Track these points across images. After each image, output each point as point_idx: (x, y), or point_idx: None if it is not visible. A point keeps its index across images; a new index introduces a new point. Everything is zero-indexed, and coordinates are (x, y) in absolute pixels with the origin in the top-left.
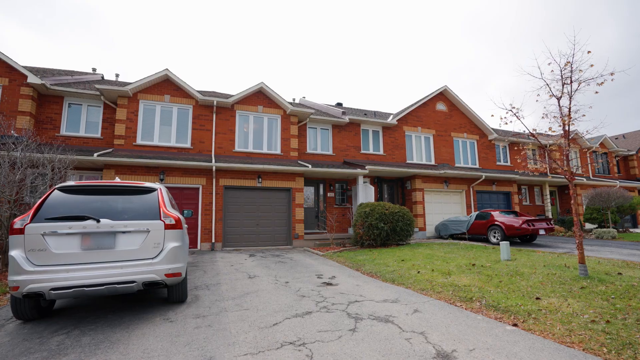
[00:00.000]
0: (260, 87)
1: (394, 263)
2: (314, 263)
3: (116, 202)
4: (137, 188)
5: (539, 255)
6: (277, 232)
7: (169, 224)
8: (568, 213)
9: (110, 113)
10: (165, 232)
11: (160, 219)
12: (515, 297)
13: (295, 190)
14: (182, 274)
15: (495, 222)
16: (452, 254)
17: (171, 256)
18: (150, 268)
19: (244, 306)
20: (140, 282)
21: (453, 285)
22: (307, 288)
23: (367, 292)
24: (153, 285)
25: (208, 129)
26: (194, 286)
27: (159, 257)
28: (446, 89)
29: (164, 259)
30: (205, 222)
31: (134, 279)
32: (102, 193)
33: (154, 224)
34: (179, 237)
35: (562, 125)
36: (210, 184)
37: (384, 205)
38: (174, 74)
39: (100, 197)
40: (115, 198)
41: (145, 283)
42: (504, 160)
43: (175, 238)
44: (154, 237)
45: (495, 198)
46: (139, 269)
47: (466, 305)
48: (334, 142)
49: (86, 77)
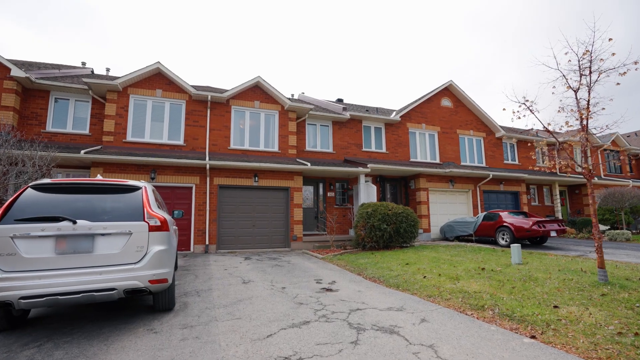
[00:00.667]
0: (256, 81)
1: (398, 267)
2: (313, 267)
3: (95, 202)
4: (119, 186)
5: (551, 259)
6: (275, 234)
7: (154, 225)
8: (579, 214)
9: (99, 108)
10: (150, 235)
11: (144, 220)
12: (531, 305)
13: (293, 190)
14: (169, 280)
15: (503, 223)
16: (460, 257)
17: (156, 261)
18: (133, 274)
19: (236, 315)
20: (121, 290)
21: (462, 292)
22: (305, 294)
23: (369, 298)
24: (136, 292)
25: (202, 126)
26: (183, 292)
27: (142, 261)
28: (452, 84)
29: (147, 264)
30: (198, 223)
31: (114, 286)
32: (80, 192)
33: (137, 226)
34: (165, 240)
35: (580, 120)
36: (204, 183)
37: (387, 205)
38: (166, 67)
39: (78, 196)
40: (95, 197)
41: (126, 290)
42: (511, 158)
43: (161, 241)
44: (136, 240)
45: (502, 198)
46: (120, 275)
47: (478, 313)
48: (335, 139)
49: (75, 71)
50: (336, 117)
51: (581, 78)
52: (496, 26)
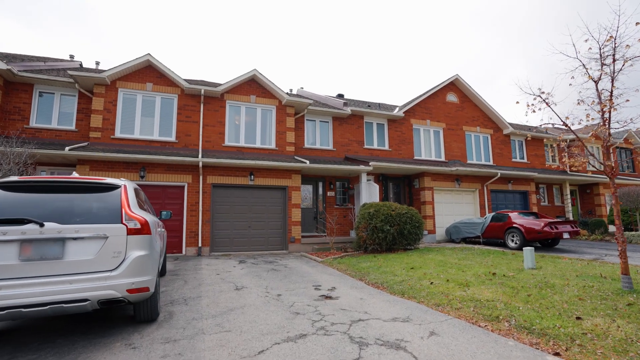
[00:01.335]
0: (252, 74)
1: (403, 271)
2: (312, 271)
3: (68, 202)
4: (95, 185)
5: (566, 263)
6: (271, 236)
7: (133, 228)
8: (590, 214)
9: (86, 103)
10: (128, 239)
11: (122, 223)
12: (551, 317)
13: (291, 189)
14: (151, 288)
15: (513, 224)
16: (468, 261)
17: (135, 267)
18: (108, 282)
19: (226, 327)
20: (95, 300)
21: (474, 300)
22: (302, 302)
23: (372, 307)
24: (112, 303)
25: (195, 121)
26: (170, 300)
27: (120, 268)
28: (457, 78)
29: (125, 271)
30: (190, 224)
31: (87, 296)
32: (51, 191)
33: (114, 229)
34: (145, 244)
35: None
36: (196, 181)
37: (390, 205)
38: (157, 60)
39: (48, 196)
40: (68, 197)
41: (101, 301)
42: (520, 156)
43: (141, 245)
44: (113, 245)
45: (511, 198)
46: (94, 284)
47: (492, 325)
48: (335, 136)
49: (62, 65)
50: (336, 112)
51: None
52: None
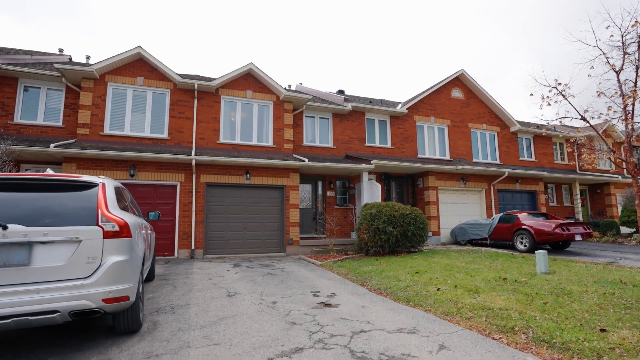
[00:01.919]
0: (249, 68)
1: (407, 276)
2: (310, 275)
3: (38, 202)
4: (69, 183)
5: (580, 267)
6: (268, 237)
7: (111, 230)
8: (600, 215)
9: (73, 98)
10: (105, 242)
11: (98, 225)
12: (572, 328)
13: (289, 189)
14: (131, 297)
15: (522, 226)
16: (475, 265)
17: (113, 274)
18: (82, 292)
19: (214, 339)
20: (66, 312)
21: (485, 308)
22: (299, 311)
23: (375, 316)
24: (86, 314)
25: (188, 117)
26: (156, 308)
27: (95, 276)
28: (463, 73)
29: (101, 279)
30: (183, 226)
31: (56, 307)
32: (18, 189)
33: (89, 231)
34: (125, 249)
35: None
36: (189, 180)
37: (393, 206)
38: (148, 53)
39: (14, 195)
40: (37, 196)
41: (73, 312)
42: (527, 155)
43: (120, 249)
44: (87, 249)
45: (518, 198)
46: (65, 293)
47: (507, 338)
48: (335, 133)
49: (49, 58)
50: (337, 108)
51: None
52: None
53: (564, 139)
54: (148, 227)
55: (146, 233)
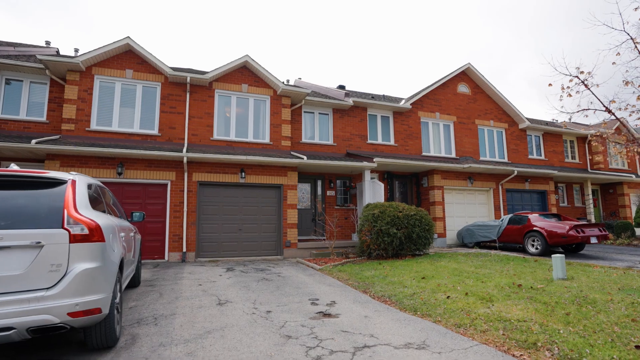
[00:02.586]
0: (244, 60)
1: (413, 282)
2: (308, 281)
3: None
4: (33, 179)
5: (599, 272)
6: (265, 239)
7: (79, 234)
8: (613, 216)
9: (58, 92)
10: (72, 248)
11: (64, 227)
12: (603, 344)
13: (287, 188)
14: (104, 309)
15: (533, 227)
16: (486, 269)
17: (81, 284)
18: (43, 304)
19: (199, 356)
20: (24, 328)
21: (501, 319)
22: (295, 322)
23: (380, 329)
24: (48, 331)
25: (180, 112)
26: (137, 318)
27: (59, 286)
28: (469, 67)
29: (67, 290)
30: (174, 227)
31: (12, 323)
32: None
33: (52, 235)
34: (97, 254)
35: None
36: (181, 179)
37: (397, 206)
38: (138, 44)
39: None
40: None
41: (32, 329)
42: (537, 153)
43: (90, 255)
44: (50, 256)
45: (528, 198)
46: (22, 306)
47: (530, 355)
48: (335, 129)
49: (35, 51)
50: (337, 103)
51: None
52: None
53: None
54: (133, 229)
55: (127, 236)
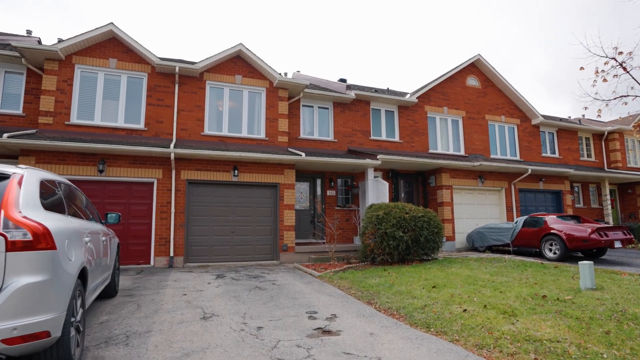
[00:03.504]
0: (238, 49)
1: (423, 292)
2: (306, 290)
3: None
4: None
5: (629, 280)
6: (260, 243)
7: (20, 240)
8: (632, 218)
9: (36, 83)
10: (9, 257)
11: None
12: None
13: (283, 187)
14: (53, 332)
15: (551, 230)
16: (502, 277)
17: (21, 303)
18: None
19: None
20: None
21: (530, 339)
22: (290, 341)
23: (388, 350)
24: None
25: (168, 105)
26: (107, 337)
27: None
28: (479, 58)
29: (2, 310)
30: (161, 229)
31: None
32: None
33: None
34: (44, 265)
35: None
36: (168, 177)
37: (403, 207)
38: (123, 31)
39: None
40: None
41: None
42: (550, 150)
43: (34, 267)
44: None
45: (542, 199)
46: None
47: None
48: (336, 124)
49: (14, 39)
50: (338, 97)
51: None
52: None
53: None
54: (108, 232)
55: (97, 240)
